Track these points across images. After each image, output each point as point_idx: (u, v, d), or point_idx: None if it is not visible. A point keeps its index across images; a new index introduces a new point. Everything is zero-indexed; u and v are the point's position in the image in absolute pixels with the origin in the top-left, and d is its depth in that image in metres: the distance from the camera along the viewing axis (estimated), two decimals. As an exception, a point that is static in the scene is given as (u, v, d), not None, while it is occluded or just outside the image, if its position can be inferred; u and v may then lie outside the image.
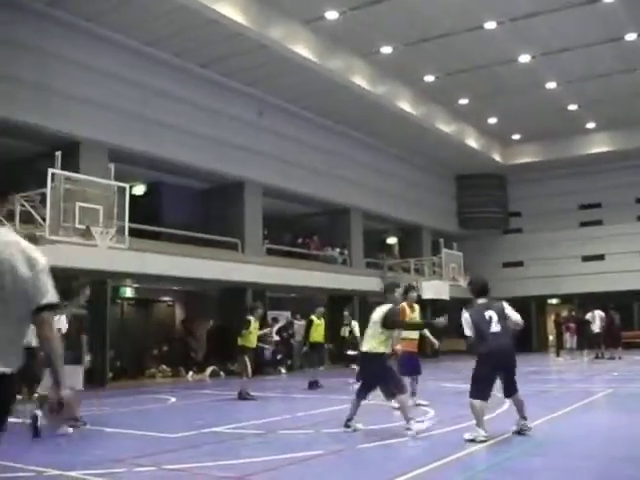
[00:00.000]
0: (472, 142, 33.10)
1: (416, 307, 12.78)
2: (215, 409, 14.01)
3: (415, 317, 12.58)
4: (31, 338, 13.91)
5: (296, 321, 25.31)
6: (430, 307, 27.58)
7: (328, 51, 22.97)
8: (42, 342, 3.79)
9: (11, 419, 11.51)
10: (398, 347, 11.82)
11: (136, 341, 23.43)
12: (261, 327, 16.63)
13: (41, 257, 3.88)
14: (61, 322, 9.98)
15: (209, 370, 22.53)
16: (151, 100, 20.97)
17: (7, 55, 17.35)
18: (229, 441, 9.22)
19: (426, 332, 13.34)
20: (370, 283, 28.74)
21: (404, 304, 12.37)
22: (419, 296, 12.95)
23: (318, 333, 18.17)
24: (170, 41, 20.57)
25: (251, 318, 15.42)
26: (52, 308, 3.81)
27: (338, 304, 27.02)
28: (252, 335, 15.38)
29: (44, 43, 18.21)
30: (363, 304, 29.13)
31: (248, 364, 15.03)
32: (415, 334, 12.67)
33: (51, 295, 3.81)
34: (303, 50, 21.96)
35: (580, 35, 22.80)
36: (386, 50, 23.58)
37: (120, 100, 20.02)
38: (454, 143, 31.96)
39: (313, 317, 18.30)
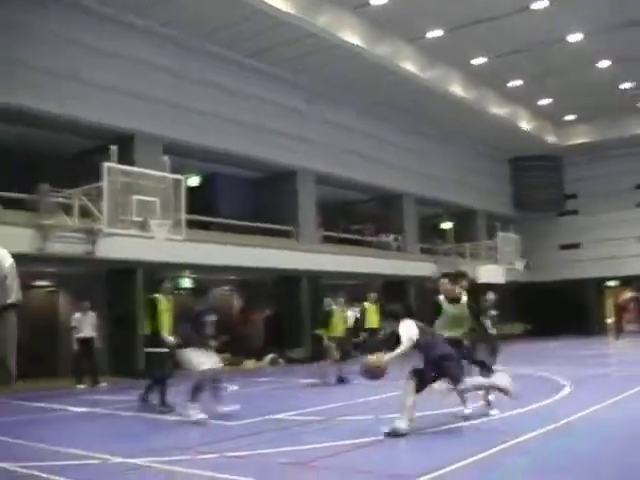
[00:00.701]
0: (525, 124, 32.65)
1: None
2: (276, 396, 14.16)
3: None
4: (87, 329, 14.34)
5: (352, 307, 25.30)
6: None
7: (376, 37, 22.85)
8: None
9: (75, 408, 11.68)
10: None
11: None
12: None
13: (9, 257, 4.10)
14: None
15: (268, 358, 22.69)
16: (202, 93, 21.13)
17: (65, 53, 17.73)
18: (290, 428, 9.31)
19: None
20: (425, 269, 28.64)
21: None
22: (472, 280, 12.80)
23: (372, 319, 18.21)
24: (219, 33, 20.63)
25: (334, 307, 15.75)
26: (14, 307, 4.08)
27: (393, 290, 26.96)
28: (338, 323, 15.70)
29: (96, 40, 18.48)
30: (418, 289, 29.06)
31: (334, 352, 15.34)
32: None
33: (15, 295, 4.05)
34: (351, 37, 21.90)
35: (633, 10, 22.24)
36: (434, 34, 23.34)
37: (171, 93, 20.23)
38: (507, 126, 31.59)
39: (366, 304, 18.34)
